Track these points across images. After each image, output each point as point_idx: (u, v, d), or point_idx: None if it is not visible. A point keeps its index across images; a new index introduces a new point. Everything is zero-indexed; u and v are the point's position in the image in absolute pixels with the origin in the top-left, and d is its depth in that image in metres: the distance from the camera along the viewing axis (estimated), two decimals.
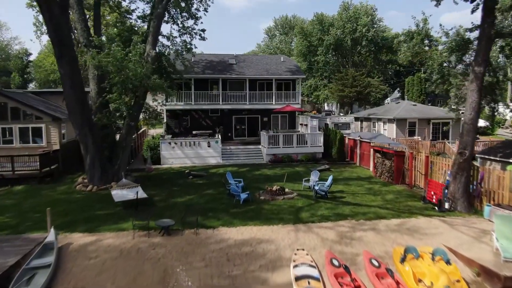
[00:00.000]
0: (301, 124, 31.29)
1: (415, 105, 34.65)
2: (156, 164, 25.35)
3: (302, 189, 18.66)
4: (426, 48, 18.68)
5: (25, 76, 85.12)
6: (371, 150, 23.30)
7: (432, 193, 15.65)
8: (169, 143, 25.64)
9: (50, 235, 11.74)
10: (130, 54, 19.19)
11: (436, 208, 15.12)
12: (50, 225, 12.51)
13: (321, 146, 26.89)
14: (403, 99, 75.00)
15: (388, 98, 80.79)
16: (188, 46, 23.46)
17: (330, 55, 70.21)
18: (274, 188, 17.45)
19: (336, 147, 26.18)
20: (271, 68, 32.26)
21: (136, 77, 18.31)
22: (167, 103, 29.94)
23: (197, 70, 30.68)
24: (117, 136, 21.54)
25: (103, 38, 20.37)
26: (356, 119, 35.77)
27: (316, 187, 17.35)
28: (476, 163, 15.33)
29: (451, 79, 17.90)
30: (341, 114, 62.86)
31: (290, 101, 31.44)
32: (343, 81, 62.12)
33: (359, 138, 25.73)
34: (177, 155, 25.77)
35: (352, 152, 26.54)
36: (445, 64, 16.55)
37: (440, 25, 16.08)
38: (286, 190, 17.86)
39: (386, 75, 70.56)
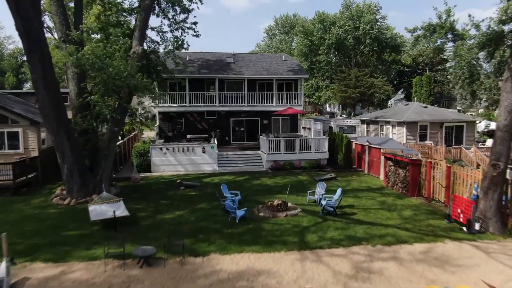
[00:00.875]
0: (304, 128, 29.20)
1: (426, 107, 32.51)
2: (146, 172, 23.23)
3: (306, 203, 16.54)
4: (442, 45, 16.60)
5: (19, 76, 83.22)
6: (382, 157, 21.19)
7: (459, 211, 13.50)
8: (160, 148, 23.51)
9: (1, 269, 9.59)
10: (111, 49, 17.12)
11: (464, 229, 12.97)
12: (6, 254, 10.36)
13: (326, 152, 24.76)
14: (409, 100, 72.92)
15: (392, 99, 78.70)
16: (180, 42, 21.26)
17: (332, 55, 68.16)
18: (275, 202, 15.32)
19: (343, 153, 24.05)
20: (272, 68, 30.15)
21: (119, 76, 16.20)
22: (159, 105, 27.85)
23: (192, 70, 28.57)
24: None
25: (85, 32, 18.24)
26: (362, 121, 33.67)
27: (323, 202, 15.23)
28: (508, 176, 13.21)
29: (482, 78, 15.75)
30: (344, 116, 60.77)
31: (292, 103, 29.34)
32: (345, 81, 60.08)
33: (367, 143, 23.60)
34: (169, 162, 23.64)
35: (360, 158, 24.41)
36: (474, 62, 14.42)
37: (469, 15, 13.92)
38: (289, 204, 15.74)
39: (390, 75, 68.42)
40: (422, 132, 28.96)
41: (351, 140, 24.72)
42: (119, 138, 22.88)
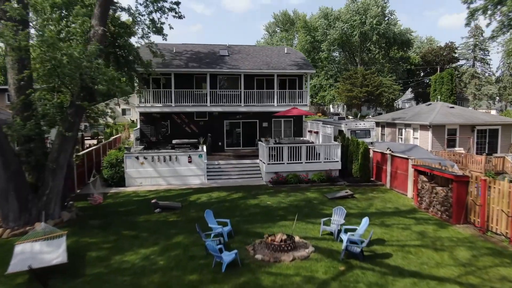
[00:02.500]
0: (310, 132, 24.96)
1: (453, 107, 28.21)
2: (119, 187, 18.98)
3: (320, 235, 12.26)
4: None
5: None
6: (410, 169, 16.93)
7: None
8: (137, 157, 19.24)
9: None
10: (65, 31, 12.90)
11: None
12: None
13: (338, 161, 20.52)
14: (417, 100, 68.65)
15: (399, 100, 74.47)
16: (158, 26, 16.97)
17: (336, 52, 63.95)
18: (278, 237, 11.05)
19: (359, 163, 19.78)
20: (273, 61, 25.89)
21: (73, 65, 12.01)
22: (141, 105, 23.64)
23: (179, 63, 24.31)
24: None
25: (31, 7, 14.00)
26: (377, 124, 29.42)
27: (344, 237, 10.99)
28: None
29: None
30: (350, 117, 56.54)
31: (296, 102, 25.11)
32: (351, 80, 55.87)
33: (389, 151, 19.34)
34: (147, 174, 19.38)
35: (379, 169, 20.13)
36: None
37: None
38: (297, 239, 11.49)
39: (398, 74, 64.15)
40: (451, 137, 24.69)
41: (369, 147, 20.42)
42: (89, 144, 18.55)
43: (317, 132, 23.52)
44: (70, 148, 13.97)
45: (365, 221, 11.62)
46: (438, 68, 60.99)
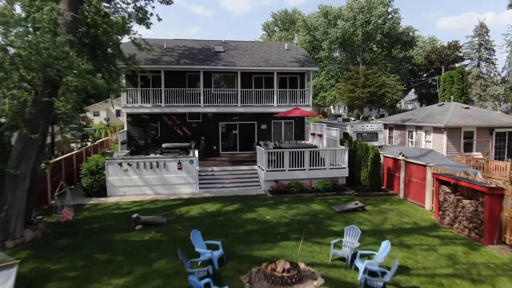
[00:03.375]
0: (313, 134, 22.89)
1: (468, 107, 26.15)
2: (99, 197, 16.89)
3: (329, 261, 10.18)
4: None
5: None
6: (430, 178, 14.90)
7: None
8: (120, 164, 17.15)
9: None
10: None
11: None
12: None
13: (345, 167, 18.47)
14: (421, 101, 66.66)
15: (402, 101, 72.49)
16: (141, 15, 14.84)
17: (336, 52, 61.95)
18: (280, 266, 8.98)
19: (368, 170, 17.73)
20: (272, 58, 23.84)
21: (38, 54, 10.00)
22: (128, 105, 21.58)
23: (170, 60, 22.23)
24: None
25: None
26: (384, 126, 27.32)
27: (360, 267, 8.96)
28: None
29: None
30: (352, 119, 54.55)
31: (298, 103, 23.07)
32: (353, 80, 53.89)
33: (401, 157, 17.30)
34: (132, 182, 17.30)
35: (391, 177, 18.09)
36: None
37: None
38: (302, 266, 9.44)
39: (401, 74, 62.14)
40: (468, 141, 22.62)
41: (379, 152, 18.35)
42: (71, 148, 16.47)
43: (320, 135, 21.48)
44: (34, 155, 11.87)
45: (385, 245, 9.56)
46: (443, 68, 59.02)
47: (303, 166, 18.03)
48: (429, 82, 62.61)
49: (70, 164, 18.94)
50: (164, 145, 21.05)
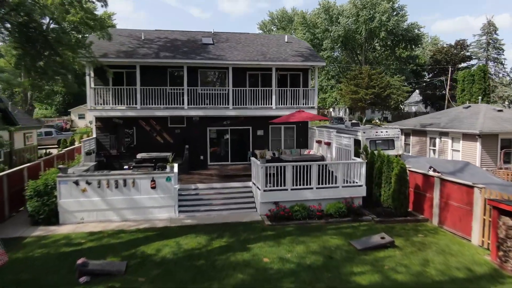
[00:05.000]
0: (319, 142, 19.25)
1: (501, 110, 22.51)
2: (49, 225, 13.11)
3: None
4: None
5: None
6: (480, 203, 11.28)
7: None
8: (76, 182, 13.37)
9: None
10: None
11: None
12: None
13: (362, 185, 14.79)
14: (426, 103, 63.21)
15: (405, 102, 69.12)
16: None
17: (338, 51, 58.42)
18: None
19: (392, 189, 14.09)
20: (270, 52, 20.17)
21: None
22: (97, 107, 17.90)
23: (147, 52, 18.51)
24: None
25: None
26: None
27: None
28: None
29: None
30: (354, 121, 50.97)
31: (300, 104, 19.50)
32: (356, 80, 50.38)
33: (434, 172, 13.67)
34: (92, 206, 13.53)
35: (419, 197, 14.44)
36: None
37: None
38: None
39: (406, 74, 58.67)
40: (508, 150, 19.01)
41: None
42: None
43: (329, 144, 17.84)
44: None
45: None
46: (450, 68, 55.64)
47: (310, 184, 14.35)
48: (435, 83, 59.19)
49: (20, 181, 15.12)
50: (139, 156, 17.29)
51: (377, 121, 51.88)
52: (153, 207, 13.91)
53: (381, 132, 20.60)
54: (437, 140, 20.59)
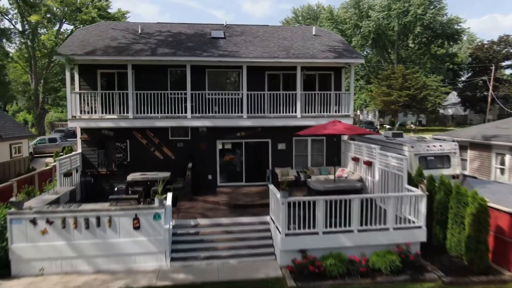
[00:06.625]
0: (355, 160, 15.29)
1: None
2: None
3: None
4: None
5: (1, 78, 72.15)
6: None
7: None
8: (33, 221, 9.98)
9: None
10: None
11: None
12: None
13: (421, 226, 10.75)
14: (464, 106, 57.59)
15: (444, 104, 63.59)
16: None
17: (368, 49, 53.82)
18: None
19: (465, 234, 10.05)
20: (294, 46, 16.32)
21: None
22: (82, 116, 14.61)
23: (142, 48, 15.01)
24: None
25: None
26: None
27: None
28: None
29: None
30: (396, 132, 46.45)
31: (332, 112, 15.64)
32: (389, 81, 45.79)
33: None
34: (55, 252, 10.11)
35: (503, 244, 10.27)
36: None
37: None
38: None
39: (442, 73, 53.40)
40: None
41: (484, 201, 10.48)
42: None
43: (369, 163, 13.90)
44: None
45: None
46: (493, 67, 50.10)
47: (349, 226, 10.45)
48: (477, 82, 53.62)
49: None
50: (130, 177, 13.86)
51: (411, 125, 47.06)
52: (136, 254, 10.37)
53: (434, 146, 16.38)
54: (508, 157, 16.21)
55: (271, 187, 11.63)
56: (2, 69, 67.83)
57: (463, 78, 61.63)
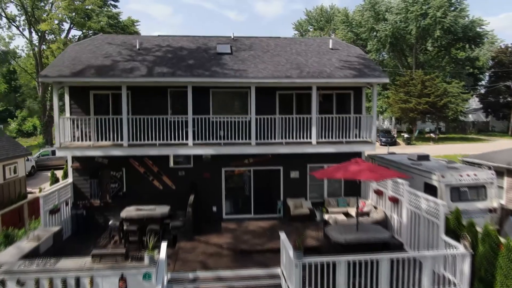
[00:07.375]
0: (378, 193, 13.47)
1: None
2: None
3: None
4: None
5: (12, 82, 71.96)
6: None
7: None
8: (2, 282, 8.45)
9: None
10: None
11: None
12: None
13: None
14: (487, 112, 54.92)
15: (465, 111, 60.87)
16: None
17: (385, 53, 51.57)
18: None
19: None
20: (309, 63, 14.55)
21: None
22: (72, 143, 13.12)
23: (137, 67, 13.43)
24: None
25: None
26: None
27: None
28: None
29: None
30: (421, 154, 44.25)
31: (351, 138, 13.82)
32: (407, 87, 43.60)
33: None
34: None
35: None
36: None
37: None
38: None
39: (463, 78, 50.83)
40: None
41: None
42: None
43: (396, 200, 12.08)
44: None
45: None
46: None
47: None
48: (501, 88, 50.95)
49: None
50: (124, 213, 12.30)
51: (431, 134, 44.71)
52: None
53: (468, 175, 14.41)
54: None
55: (283, 236, 9.88)
56: (13, 73, 67.64)
57: (483, 82, 58.91)
